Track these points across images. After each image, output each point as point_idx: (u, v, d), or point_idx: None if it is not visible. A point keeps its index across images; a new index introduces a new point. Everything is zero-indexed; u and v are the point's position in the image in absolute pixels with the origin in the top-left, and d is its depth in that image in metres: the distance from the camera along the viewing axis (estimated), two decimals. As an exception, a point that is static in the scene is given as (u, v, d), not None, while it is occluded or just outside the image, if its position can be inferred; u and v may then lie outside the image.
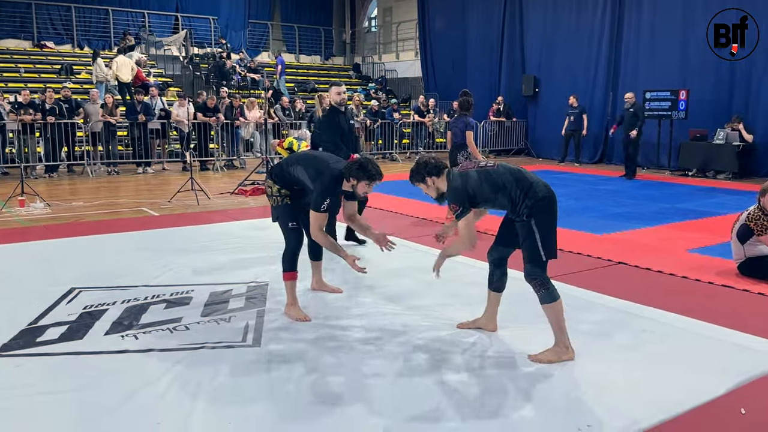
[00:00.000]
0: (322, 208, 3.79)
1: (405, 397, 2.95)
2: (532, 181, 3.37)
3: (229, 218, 7.73)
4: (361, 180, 3.75)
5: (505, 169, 3.43)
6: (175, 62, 19.65)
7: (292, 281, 4.09)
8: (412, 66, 21.75)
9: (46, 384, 3.08)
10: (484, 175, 3.39)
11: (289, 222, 4.05)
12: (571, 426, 2.69)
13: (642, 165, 14.20)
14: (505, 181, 3.36)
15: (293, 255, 4.07)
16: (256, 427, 2.69)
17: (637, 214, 8.04)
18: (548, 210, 3.35)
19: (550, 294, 3.35)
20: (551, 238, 3.37)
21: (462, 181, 3.40)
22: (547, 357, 3.35)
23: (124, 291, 4.60)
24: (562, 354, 3.35)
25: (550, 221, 3.36)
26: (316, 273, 4.60)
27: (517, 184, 3.34)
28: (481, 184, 3.37)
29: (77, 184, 11.22)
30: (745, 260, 5.04)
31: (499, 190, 3.36)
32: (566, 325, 3.40)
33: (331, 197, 3.81)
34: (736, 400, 2.95)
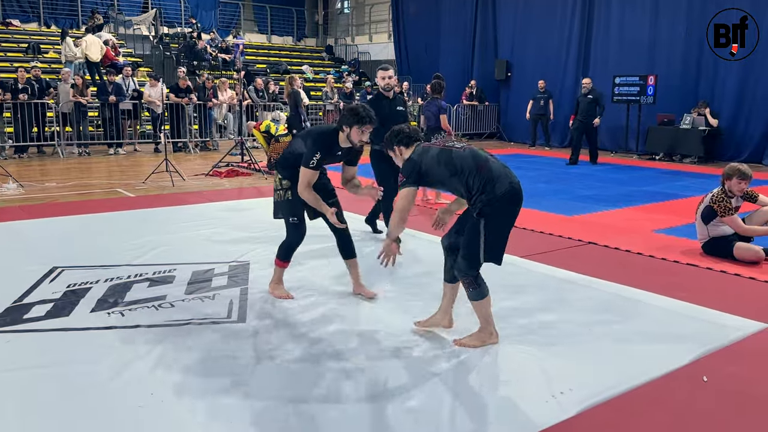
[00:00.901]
0: (311, 163, 3.65)
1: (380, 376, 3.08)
2: (495, 174, 3.08)
3: (204, 199, 7.76)
4: (352, 125, 3.62)
5: (470, 153, 3.17)
6: (144, 42, 19.35)
7: (281, 268, 4.07)
8: (385, 48, 21.74)
9: (37, 359, 3.14)
10: (444, 155, 3.17)
11: (291, 217, 3.94)
12: (544, 393, 2.85)
13: (610, 149, 14.52)
14: (464, 165, 3.11)
15: (289, 248, 4.01)
16: (247, 396, 2.79)
17: (606, 197, 8.28)
18: (504, 210, 3.10)
19: (479, 292, 3.24)
20: (500, 241, 3.15)
21: (419, 155, 3.22)
22: (471, 341, 3.31)
23: (106, 270, 4.65)
24: (486, 338, 3.31)
25: (503, 224, 3.14)
26: (353, 273, 4.15)
27: (477, 173, 3.08)
28: (438, 163, 3.15)
29: (48, 165, 11.08)
30: (708, 240, 5.27)
31: (455, 173, 3.12)
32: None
33: (322, 151, 3.65)
34: (699, 369, 3.14)
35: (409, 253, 5.18)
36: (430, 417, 2.63)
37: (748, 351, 3.38)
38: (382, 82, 5.53)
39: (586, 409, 2.71)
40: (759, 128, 12.36)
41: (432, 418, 2.62)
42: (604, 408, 2.75)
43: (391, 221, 3.31)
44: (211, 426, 2.55)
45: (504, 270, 3.65)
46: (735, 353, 3.35)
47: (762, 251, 5.02)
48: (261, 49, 21.97)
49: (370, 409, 2.71)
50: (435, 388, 2.90)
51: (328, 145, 3.69)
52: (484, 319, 3.30)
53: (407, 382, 2.96)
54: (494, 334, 3.34)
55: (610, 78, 14.03)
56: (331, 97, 15.48)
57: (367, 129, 3.64)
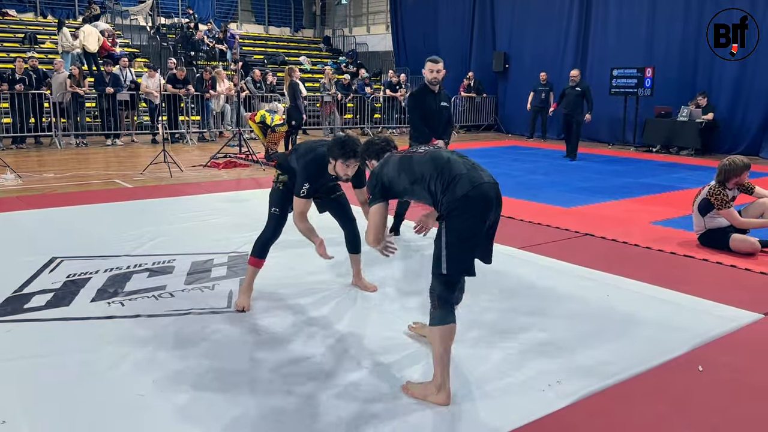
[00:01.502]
0: (302, 192, 3.56)
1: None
2: (455, 174, 2.69)
3: (203, 190, 7.77)
4: (336, 158, 3.43)
5: (430, 156, 2.83)
6: (141, 32, 19.28)
7: (255, 268, 3.80)
8: (383, 40, 21.70)
9: (37, 348, 3.16)
10: (405, 162, 2.86)
11: (273, 207, 3.80)
12: (539, 383, 2.88)
13: (607, 141, 14.55)
14: (423, 171, 2.77)
15: (264, 243, 3.80)
16: (246, 386, 2.82)
17: (603, 189, 8.31)
18: (466, 212, 2.65)
19: (437, 315, 2.69)
20: (463, 248, 2.66)
21: (380, 167, 2.95)
22: (413, 390, 2.76)
23: (105, 260, 4.66)
24: (429, 393, 2.69)
25: (465, 227, 2.65)
26: (354, 266, 4.16)
27: (438, 177, 2.72)
28: (399, 172, 2.84)
29: (46, 156, 11.07)
30: (705, 232, 5.30)
31: (416, 181, 2.79)
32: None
33: (311, 181, 3.55)
34: (695, 359, 3.18)
35: (416, 243, 5.21)
36: (426, 409, 2.66)
37: (743, 341, 3.42)
38: (429, 74, 5.11)
39: (582, 398, 2.74)
40: (756, 120, 12.39)
41: (429, 410, 2.65)
42: (600, 397, 2.78)
43: (366, 238, 2.97)
44: (211, 415, 2.57)
45: (500, 260, 3.67)
46: (730, 343, 3.39)
47: (758, 243, 5.06)
48: (258, 40, 21.91)
49: (367, 399, 2.73)
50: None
51: (317, 173, 3.56)
52: (436, 359, 2.70)
53: (404, 374, 2.99)
54: (443, 391, 2.67)
55: (607, 70, 14.04)
56: (329, 89, 15.45)
57: (351, 164, 3.42)
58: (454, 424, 2.53)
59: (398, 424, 2.51)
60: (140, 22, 19.43)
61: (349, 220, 4.03)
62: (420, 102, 5.17)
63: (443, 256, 2.65)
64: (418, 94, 5.24)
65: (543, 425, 2.54)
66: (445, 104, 5.25)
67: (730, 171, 5.15)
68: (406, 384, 2.81)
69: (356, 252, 4.10)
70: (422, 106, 5.15)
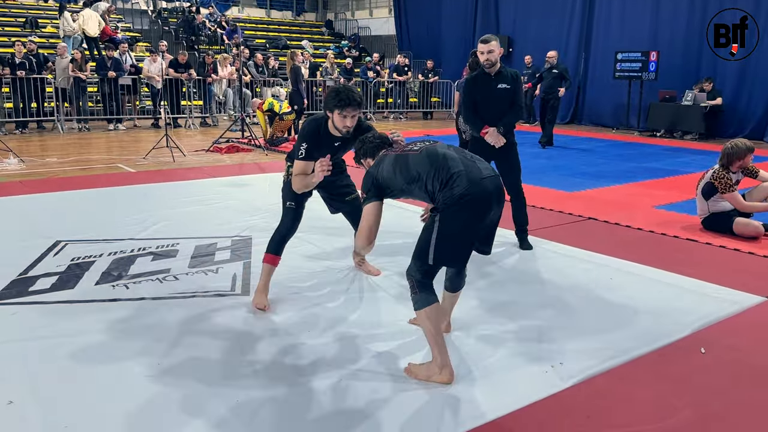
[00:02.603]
0: (300, 154, 3.35)
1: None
2: (453, 172, 2.63)
3: (206, 175, 7.77)
4: (332, 109, 3.22)
5: (426, 154, 2.74)
6: (143, 16, 19.20)
7: (270, 265, 3.61)
8: (386, 23, 21.57)
9: (43, 330, 3.18)
10: (401, 162, 2.76)
11: (288, 201, 3.60)
12: (543, 364, 2.90)
13: (611, 126, 14.50)
14: (420, 170, 2.69)
15: (281, 239, 3.62)
16: (251, 368, 2.83)
17: (607, 173, 8.29)
18: (463, 210, 2.61)
19: (420, 299, 2.69)
20: (453, 243, 2.66)
21: (375, 166, 2.85)
22: (416, 371, 2.76)
23: (109, 244, 4.67)
24: (432, 374, 2.70)
25: (460, 223, 2.63)
26: (358, 256, 4.13)
27: (435, 174, 2.66)
28: (395, 172, 2.75)
29: (48, 141, 11.07)
30: (708, 215, 5.29)
31: (413, 180, 2.72)
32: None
33: (308, 141, 3.34)
34: (697, 341, 3.18)
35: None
36: (428, 392, 2.67)
37: (745, 324, 3.43)
38: (481, 57, 4.66)
39: (584, 380, 2.76)
40: (761, 105, 12.34)
41: (431, 393, 2.66)
42: (602, 378, 2.79)
43: (357, 241, 2.85)
44: (215, 398, 2.59)
45: (503, 245, 3.68)
46: (733, 326, 3.39)
47: (761, 226, 5.05)
48: (260, 24, 21.80)
49: (371, 384, 2.75)
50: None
51: (314, 133, 3.36)
52: (431, 341, 2.71)
53: (406, 359, 3.00)
54: (446, 369, 2.69)
55: (612, 54, 13.97)
56: (331, 73, 15.39)
57: (349, 113, 3.20)
58: (457, 405, 2.55)
59: (402, 408, 2.53)
60: (141, 6, 19.33)
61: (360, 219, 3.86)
62: (469, 89, 4.80)
63: (432, 247, 2.64)
64: (469, 80, 4.86)
65: (545, 406, 2.56)
66: (504, 86, 4.66)
67: (734, 154, 5.14)
68: (409, 366, 2.80)
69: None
70: (472, 93, 4.77)
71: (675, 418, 2.49)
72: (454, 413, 2.49)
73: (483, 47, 4.61)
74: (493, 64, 4.61)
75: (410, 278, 2.72)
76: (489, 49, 4.58)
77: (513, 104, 4.68)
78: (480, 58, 4.66)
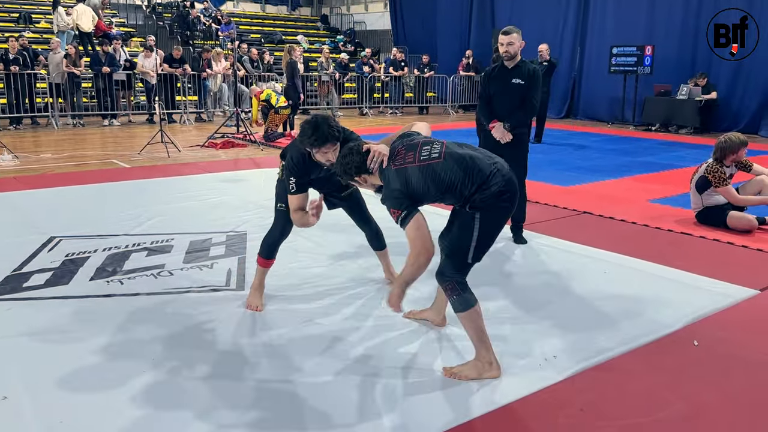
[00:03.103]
0: (290, 189, 3.20)
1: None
2: (487, 173, 2.63)
3: (201, 170, 7.76)
4: (310, 147, 3.00)
5: (453, 159, 2.66)
6: (137, 11, 19.13)
7: (264, 268, 3.55)
8: (381, 18, 21.53)
9: (37, 326, 3.17)
10: (428, 173, 2.64)
11: (280, 202, 3.45)
12: (537, 357, 2.91)
13: (607, 120, 14.51)
14: (453, 178, 2.63)
15: (272, 244, 3.52)
16: (245, 363, 2.84)
17: (602, 167, 8.31)
18: (501, 208, 2.67)
19: (463, 301, 2.68)
20: (490, 239, 2.73)
21: (401, 182, 2.66)
22: (464, 372, 2.72)
23: (104, 239, 4.67)
24: (484, 371, 2.71)
25: (498, 220, 2.70)
26: (383, 261, 3.89)
27: (467, 178, 2.62)
28: (426, 184, 2.65)
29: (42, 137, 11.03)
30: (702, 209, 5.31)
31: (447, 189, 2.65)
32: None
33: (296, 175, 3.18)
34: (690, 334, 3.20)
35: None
36: (423, 385, 2.68)
37: (738, 317, 3.44)
38: (501, 48, 4.52)
39: (577, 373, 2.77)
40: (756, 99, 12.36)
41: (426, 385, 2.67)
42: (595, 371, 2.80)
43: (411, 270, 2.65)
44: (212, 392, 2.59)
45: (499, 239, 3.66)
46: (726, 319, 3.41)
47: (755, 220, 5.07)
48: (255, 19, 21.74)
49: (365, 379, 2.75)
50: (429, 357, 2.95)
51: (300, 164, 3.17)
52: (477, 339, 2.72)
53: (399, 353, 3.01)
54: (494, 364, 2.72)
55: (607, 48, 13.97)
56: (327, 68, 15.36)
57: (329, 149, 2.97)
58: (449, 399, 2.55)
59: (394, 402, 2.53)
60: (136, 1, 19.25)
61: (365, 219, 3.71)
62: (484, 81, 4.71)
63: (472, 247, 2.66)
64: (487, 72, 4.76)
65: (538, 399, 2.57)
66: (518, 81, 4.51)
67: (727, 148, 5.15)
68: (450, 369, 2.75)
69: (381, 248, 3.81)
70: (486, 85, 4.69)
71: (668, 411, 2.50)
72: (446, 407, 2.50)
73: (504, 38, 4.51)
74: (512, 56, 4.51)
75: (448, 281, 2.70)
76: (509, 41, 4.48)
77: (525, 101, 4.54)
78: (500, 50, 4.56)
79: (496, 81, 4.62)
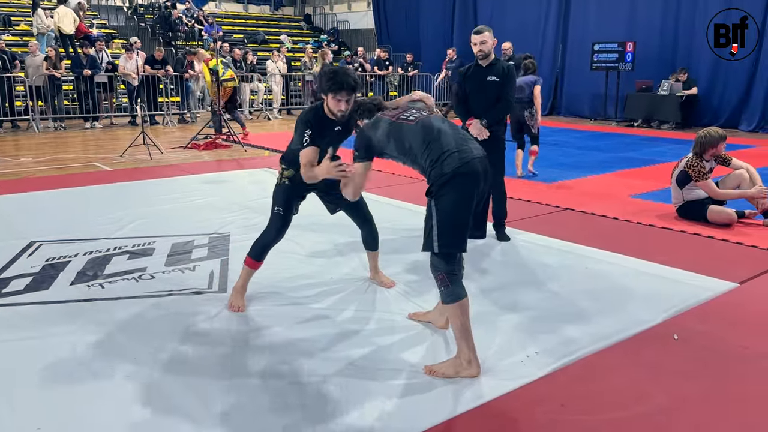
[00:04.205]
0: (305, 141, 3.16)
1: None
2: (444, 150, 2.62)
3: (183, 172, 7.71)
4: (326, 92, 3.12)
5: (420, 126, 2.72)
6: (119, 13, 18.98)
7: (250, 269, 3.52)
8: (364, 17, 21.52)
9: (17, 332, 3.14)
10: (395, 130, 2.76)
11: (276, 206, 3.45)
12: (518, 353, 2.92)
13: (589, 116, 14.60)
14: (412, 143, 2.69)
15: (264, 246, 3.50)
16: (234, 366, 2.83)
17: (584, 163, 8.36)
18: (454, 190, 2.60)
19: (450, 292, 2.68)
20: (452, 225, 2.63)
21: (370, 126, 2.87)
22: (441, 369, 2.72)
23: (85, 243, 4.63)
24: (461, 369, 2.69)
25: (454, 203, 2.61)
26: (372, 261, 3.90)
27: (426, 150, 2.65)
28: (388, 137, 2.78)
29: (23, 140, 10.92)
30: (683, 204, 5.36)
31: (404, 152, 2.74)
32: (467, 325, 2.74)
33: (311, 127, 3.17)
34: (670, 327, 3.23)
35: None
36: (398, 386, 2.69)
37: (718, 310, 3.48)
38: (474, 48, 4.60)
39: (558, 368, 2.79)
40: (735, 94, 12.48)
41: (400, 387, 2.68)
42: (576, 367, 2.82)
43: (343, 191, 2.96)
44: (198, 396, 2.58)
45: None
46: (706, 312, 3.44)
47: (734, 214, 5.13)
48: (238, 19, 21.64)
49: (357, 380, 2.75)
50: (419, 358, 2.96)
51: (314, 119, 3.22)
52: (459, 335, 2.71)
53: (387, 354, 3.01)
54: (473, 363, 2.70)
55: (589, 45, 14.05)
56: (311, 67, 15.32)
57: (343, 96, 3.08)
58: (429, 397, 2.55)
59: (373, 401, 2.53)
60: (117, 2, 19.09)
61: (366, 219, 3.71)
62: (460, 80, 4.80)
63: (434, 234, 2.62)
64: (463, 70, 4.81)
65: (519, 396, 2.58)
66: (493, 78, 4.58)
67: (707, 143, 5.20)
68: (430, 367, 2.75)
69: (374, 249, 3.83)
70: (462, 83, 4.77)
71: (649, 405, 2.52)
72: (426, 406, 2.50)
73: (476, 38, 4.58)
74: (486, 55, 4.57)
75: (437, 272, 2.68)
76: (482, 39, 4.55)
77: (500, 98, 4.60)
78: (473, 49, 4.63)
79: (471, 79, 4.69)
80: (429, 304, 3.42)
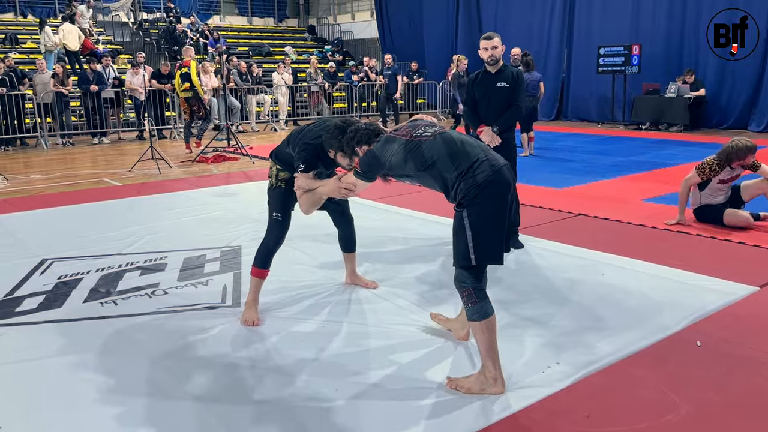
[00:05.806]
0: (299, 168, 3.13)
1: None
2: (474, 159, 2.54)
3: (192, 186, 7.71)
4: (336, 150, 3.02)
5: (442, 140, 2.62)
6: (124, 28, 19.08)
7: (259, 279, 3.48)
8: (368, 27, 21.55)
9: (31, 351, 3.12)
10: (412, 147, 2.63)
11: (275, 211, 3.40)
12: (540, 363, 2.87)
13: (597, 120, 14.55)
14: (435, 156, 2.58)
15: (267, 253, 3.46)
16: (250, 383, 2.79)
17: (595, 168, 8.30)
18: (489, 199, 2.52)
19: (478, 309, 2.58)
20: (490, 235, 2.55)
21: (382, 146, 2.71)
22: (467, 385, 2.64)
23: (96, 260, 4.61)
24: (487, 386, 2.60)
25: (489, 212, 2.54)
26: (349, 265, 3.93)
27: (451, 162, 2.56)
28: (406, 159, 2.64)
29: (32, 157, 10.96)
30: (700, 206, 5.29)
31: (426, 167, 2.60)
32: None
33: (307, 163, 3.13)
34: (692, 334, 3.17)
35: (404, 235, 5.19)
36: (425, 392, 2.64)
37: (740, 314, 3.42)
38: (483, 54, 4.56)
39: (581, 378, 2.73)
40: (743, 95, 12.41)
41: (430, 393, 2.63)
42: (599, 376, 2.77)
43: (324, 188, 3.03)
44: (210, 411, 2.54)
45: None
46: (727, 317, 3.38)
47: (751, 217, 5.06)
48: (242, 32, 21.73)
49: (367, 392, 2.71)
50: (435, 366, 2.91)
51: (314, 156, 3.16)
52: (485, 353, 2.61)
53: (409, 372, 2.97)
54: (499, 380, 2.61)
55: (594, 48, 14.02)
56: (315, 78, 15.34)
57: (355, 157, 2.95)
58: (452, 408, 2.51)
59: (392, 414, 2.49)
60: (122, 18, 19.21)
61: (347, 220, 3.75)
62: (469, 87, 4.77)
63: (470, 246, 2.53)
64: (472, 77, 4.80)
65: (543, 407, 2.53)
66: (503, 85, 4.55)
67: (733, 154, 5.03)
68: (454, 381, 2.68)
69: (351, 251, 3.87)
70: (471, 90, 4.74)
71: (675, 414, 2.47)
72: (448, 419, 2.45)
73: (486, 43, 4.55)
74: (496, 60, 4.55)
75: (464, 287, 2.60)
76: (492, 45, 4.53)
77: (510, 104, 4.57)
78: (483, 55, 4.59)
79: (480, 86, 4.66)
80: (446, 315, 3.37)
